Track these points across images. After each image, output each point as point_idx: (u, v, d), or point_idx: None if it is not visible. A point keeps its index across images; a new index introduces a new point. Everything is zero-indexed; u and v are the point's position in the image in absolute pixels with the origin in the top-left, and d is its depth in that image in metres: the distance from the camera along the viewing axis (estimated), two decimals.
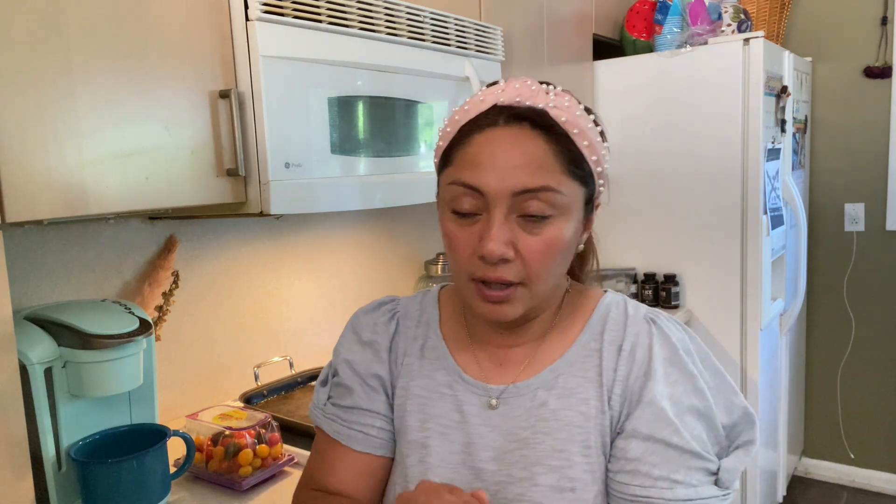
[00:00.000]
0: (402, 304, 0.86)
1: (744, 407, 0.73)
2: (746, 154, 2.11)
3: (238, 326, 1.58)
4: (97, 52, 0.94)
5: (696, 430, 0.70)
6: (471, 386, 0.77)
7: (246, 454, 1.13)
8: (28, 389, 0.96)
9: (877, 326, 2.72)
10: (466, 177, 0.69)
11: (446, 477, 0.74)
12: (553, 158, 0.68)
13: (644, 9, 2.35)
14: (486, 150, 0.68)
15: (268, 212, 1.14)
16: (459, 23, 1.53)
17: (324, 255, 1.79)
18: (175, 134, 1.05)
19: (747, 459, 0.71)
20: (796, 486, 2.84)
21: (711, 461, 0.70)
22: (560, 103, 0.69)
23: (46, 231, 1.23)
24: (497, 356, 0.78)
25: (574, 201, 0.70)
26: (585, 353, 0.75)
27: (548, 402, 0.73)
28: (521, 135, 0.68)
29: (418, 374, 0.80)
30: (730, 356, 2.21)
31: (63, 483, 1.01)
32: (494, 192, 0.67)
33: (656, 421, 0.69)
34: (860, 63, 2.62)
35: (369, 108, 1.32)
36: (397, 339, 0.83)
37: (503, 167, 0.67)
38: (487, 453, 0.74)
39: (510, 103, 0.69)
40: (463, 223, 0.70)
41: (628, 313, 0.76)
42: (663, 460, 0.68)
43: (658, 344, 0.73)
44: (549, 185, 0.67)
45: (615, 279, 2.33)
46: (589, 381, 0.73)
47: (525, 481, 0.71)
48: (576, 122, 0.69)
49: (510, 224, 0.68)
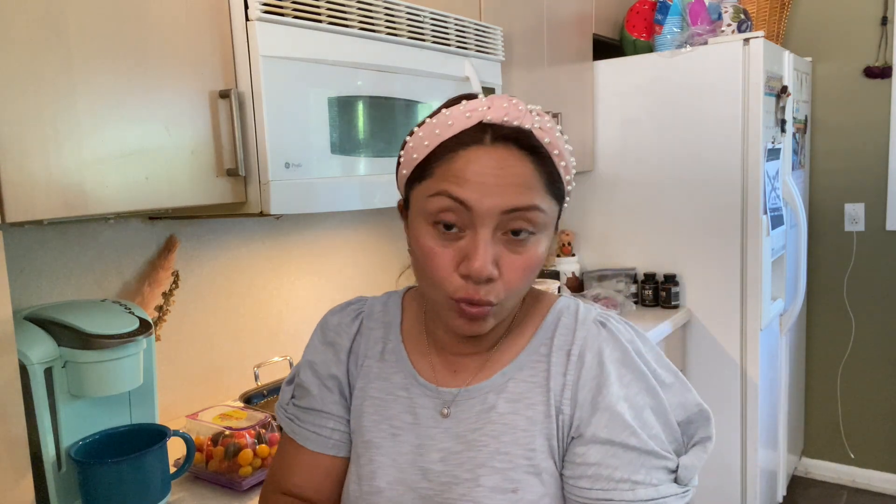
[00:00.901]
0: (369, 304, 0.88)
1: (698, 404, 0.74)
2: (746, 154, 2.11)
3: (238, 326, 1.58)
4: (97, 52, 0.94)
5: (654, 430, 0.70)
6: (425, 389, 0.79)
7: (246, 454, 1.13)
8: (28, 389, 0.96)
9: (877, 326, 2.72)
10: (454, 190, 0.68)
11: (395, 477, 0.76)
12: (537, 178, 0.69)
13: (644, 9, 2.35)
14: (473, 167, 0.67)
15: (268, 212, 1.15)
16: (459, 23, 1.53)
17: (324, 255, 1.79)
18: (175, 134, 1.05)
19: (704, 456, 0.72)
20: (796, 486, 2.84)
21: (670, 459, 0.70)
22: (543, 124, 0.70)
23: (46, 231, 1.23)
24: (453, 362, 0.80)
25: (552, 219, 0.72)
26: (535, 358, 0.76)
27: (497, 405, 0.74)
28: (508, 154, 0.68)
29: (377, 376, 0.82)
30: (730, 356, 2.21)
31: (63, 483, 1.01)
32: (483, 210, 0.67)
33: (614, 425, 0.69)
34: (860, 63, 2.63)
35: (369, 108, 1.32)
36: (359, 339, 0.85)
37: (493, 185, 0.67)
38: (436, 455, 0.75)
39: (497, 122, 0.69)
40: (445, 239, 0.69)
41: (578, 318, 0.77)
42: (623, 463, 0.69)
43: (608, 347, 0.73)
44: (537, 203, 0.68)
45: (615, 279, 2.33)
46: (537, 385, 0.74)
47: (469, 482, 0.72)
48: (556, 143, 0.70)
49: (495, 242, 0.69)
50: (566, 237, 2.44)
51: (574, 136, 2.24)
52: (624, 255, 2.39)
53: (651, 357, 0.75)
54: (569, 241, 2.44)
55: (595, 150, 2.39)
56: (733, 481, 2.26)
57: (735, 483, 2.26)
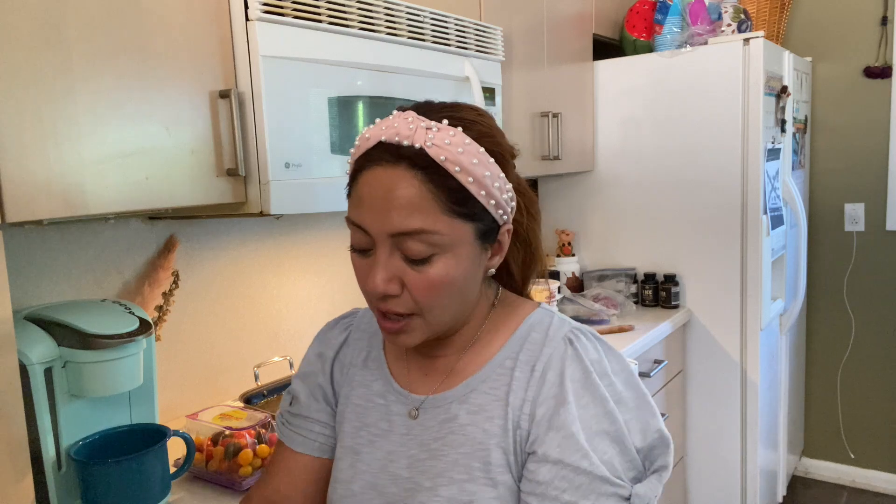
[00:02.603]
0: (359, 315, 0.91)
1: (659, 430, 0.73)
2: (746, 154, 2.11)
3: (238, 326, 1.58)
4: (97, 52, 0.94)
5: (608, 455, 0.69)
6: (399, 395, 0.80)
7: (246, 454, 1.13)
8: (28, 389, 0.96)
9: (877, 326, 2.72)
10: (354, 216, 0.70)
11: (368, 482, 0.78)
12: (431, 199, 0.67)
13: (644, 9, 2.35)
14: (367, 190, 0.68)
15: (268, 212, 1.15)
16: (459, 23, 1.53)
17: (324, 255, 1.79)
18: (175, 134, 1.05)
19: (659, 486, 0.71)
20: (796, 486, 2.84)
21: (623, 486, 0.69)
22: (440, 141, 0.67)
23: (46, 231, 1.23)
24: (424, 366, 0.81)
25: (459, 239, 0.69)
26: (500, 371, 0.76)
27: (458, 416, 0.75)
28: (398, 175, 0.67)
29: (359, 383, 0.84)
30: (730, 356, 2.21)
31: (63, 483, 1.01)
32: (375, 232, 0.68)
33: (566, 445, 0.69)
34: (860, 63, 2.62)
35: (369, 108, 1.32)
36: (345, 349, 0.88)
37: (381, 208, 0.67)
38: (404, 461, 0.77)
39: (391, 141, 0.67)
40: (361, 255, 0.72)
41: (549, 334, 0.76)
42: (572, 485, 0.68)
43: (571, 367, 0.73)
44: (425, 227, 0.67)
45: (615, 279, 2.33)
46: (497, 399, 0.74)
47: (429, 491, 0.73)
48: (457, 159, 0.67)
49: (394, 261, 0.69)
50: (566, 237, 2.44)
51: (574, 136, 2.24)
52: (624, 255, 2.39)
53: (620, 378, 0.74)
54: (569, 241, 2.44)
55: (595, 150, 2.39)
56: (733, 481, 2.26)
57: (735, 483, 2.26)
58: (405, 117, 0.69)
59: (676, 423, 2.24)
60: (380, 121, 0.71)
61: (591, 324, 2.03)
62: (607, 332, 1.96)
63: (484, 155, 0.69)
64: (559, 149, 2.11)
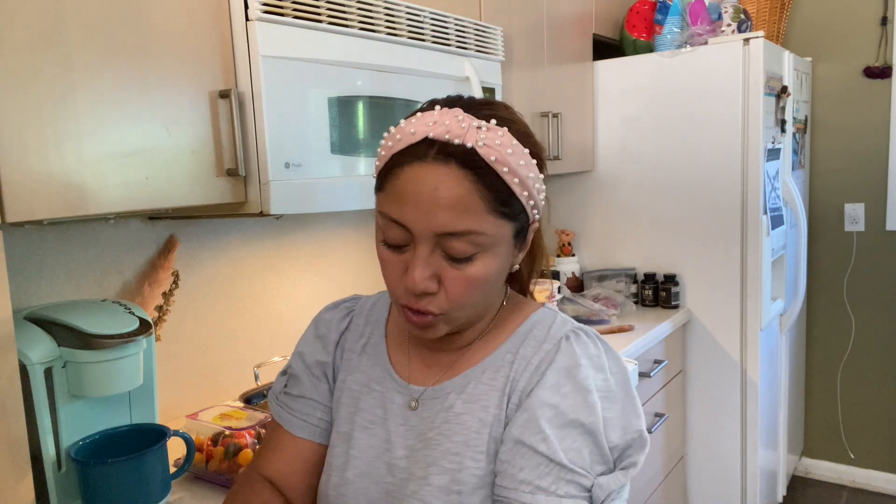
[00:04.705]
0: (361, 302, 0.90)
1: (639, 430, 0.73)
2: (746, 154, 2.11)
3: (238, 326, 1.58)
4: (97, 52, 0.94)
5: (576, 444, 0.69)
6: (397, 385, 0.80)
7: (246, 454, 1.13)
8: (28, 389, 0.96)
9: (877, 326, 2.72)
10: (394, 212, 0.68)
11: (363, 469, 0.78)
12: (479, 199, 0.66)
13: (644, 9, 2.35)
14: (411, 187, 0.67)
15: (268, 212, 1.15)
16: (459, 23, 1.53)
17: (324, 255, 1.79)
18: (175, 134, 1.05)
19: (624, 480, 0.71)
20: (796, 486, 2.84)
21: (585, 476, 0.69)
22: (491, 141, 0.66)
23: (46, 231, 1.23)
24: (427, 358, 0.81)
25: (500, 238, 0.70)
26: (499, 363, 0.76)
27: (455, 405, 0.75)
28: (447, 173, 0.66)
29: (356, 369, 0.84)
30: (730, 356, 2.21)
31: (63, 483, 1.01)
32: (418, 231, 0.67)
33: (528, 427, 0.70)
34: (860, 63, 2.62)
35: (369, 108, 1.32)
36: (346, 334, 0.87)
37: (427, 207, 0.66)
38: (401, 451, 0.77)
39: (440, 139, 0.66)
40: (393, 249, 0.71)
41: (550, 331, 0.77)
42: (530, 465, 0.68)
43: (560, 357, 0.73)
44: (472, 228, 0.67)
45: (615, 279, 2.33)
46: (494, 389, 0.75)
47: (421, 480, 0.73)
48: (506, 160, 0.67)
49: (435, 258, 0.68)
50: (566, 237, 2.44)
51: (574, 136, 2.24)
52: (624, 255, 2.39)
53: (615, 377, 0.74)
54: (569, 241, 2.44)
55: (595, 150, 2.39)
56: (733, 481, 2.26)
57: (735, 483, 2.26)
58: (454, 114, 0.67)
59: (676, 423, 2.24)
60: (421, 115, 0.69)
61: (591, 324, 2.03)
62: (607, 332, 1.96)
63: (528, 156, 0.70)
64: (559, 149, 2.11)
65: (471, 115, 0.68)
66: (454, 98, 0.73)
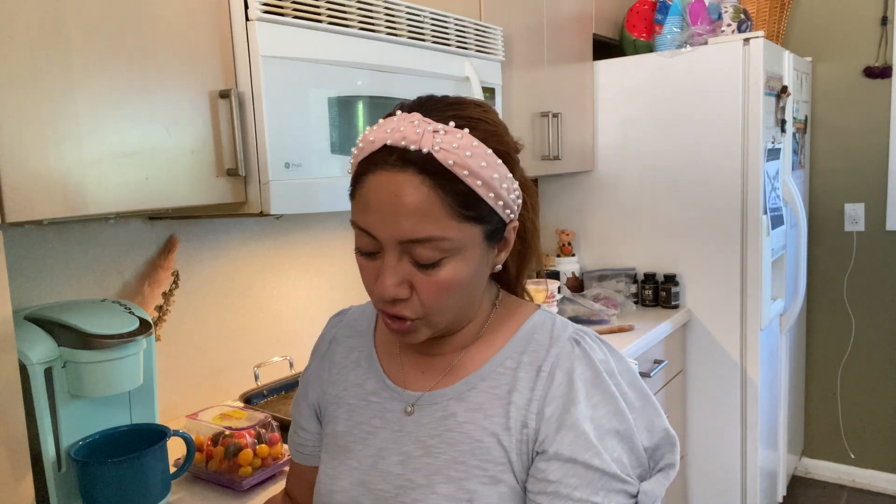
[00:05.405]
0: (349, 314, 0.92)
1: (665, 429, 0.73)
2: (746, 154, 2.11)
3: (238, 326, 1.58)
4: (97, 52, 0.94)
5: (617, 453, 0.70)
6: (393, 392, 0.80)
7: (246, 454, 1.13)
8: (28, 389, 0.96)
9: (877, 326, 2.72)
10: (361, 220, 0.69)
11: (357, 479, 0.78)
12: (440, 205, 0.66)
13: (644, 9, 2.35)
14: (374, 195, 0.67)
15: (268, 212, 1.15)
16: (459, 23, 1.53)
17: (324, 255, 1.79)
18: (175, 134, 1.05)
19: (666, 483, 0.71)
20: (796, 486, 2.84)
21: (631, 484, 0.70)
22: (448, 144, 0.65)
23: (46, 231, 1.23)
24: (420, 363, 0.80)
25: (468, 242, 0.69)
26: (501, 370, 0.75)
27: (456, 413, 0.75)
28: (406, 180, 0.65)
29: (352, 383, 0.84)
30: (730, 356, 2.21)
31: (63, 483, 1.01)
32: (383, 238, 0.67)
33: (578, 443, 0.69)
34: (860, 63, 2.62)
35: (369, 108, 1.32)
36: (334, 346, 0.88)
37: (389, 215, 0.66)
38: (396, 458, 0.76)
39: (397, 145, 0.66)
40: (367, 257, 0.71)
41: (553, 335, 0.76)
42: (584, 482, 0.68)
43: (581, 366, 0.73)
44: (434, 234, 0.66)
45: (615, 279, 2.33)
46: (498, 398, 0.74)
47: (424, 488, 0.73)
48: (465, 163, 0.65)
49: (403, 265, 0.68)
50: (566, 237, 2.44)
51: (574, 136, 2.24)
52: (624, 255, 2.39)
53: (625, 378, 0.74)
54: (569, 241, 2.44)
55: (595, 150, 2.39)
56: (733, 481, 2.26)
57: (735, 483, 2.26)
58: (410, 119, 0.67)
59: (676, 423, 2.24)
60: (383, 121, 0.69)
61: (591, 324, 2.03)
62: (607, 332, 1.96)
63: (492, 156, 0.68)
64: (559, 149, 2.11)
65: (428, 120, 0.67)
66: (422, 99, 0.72)
